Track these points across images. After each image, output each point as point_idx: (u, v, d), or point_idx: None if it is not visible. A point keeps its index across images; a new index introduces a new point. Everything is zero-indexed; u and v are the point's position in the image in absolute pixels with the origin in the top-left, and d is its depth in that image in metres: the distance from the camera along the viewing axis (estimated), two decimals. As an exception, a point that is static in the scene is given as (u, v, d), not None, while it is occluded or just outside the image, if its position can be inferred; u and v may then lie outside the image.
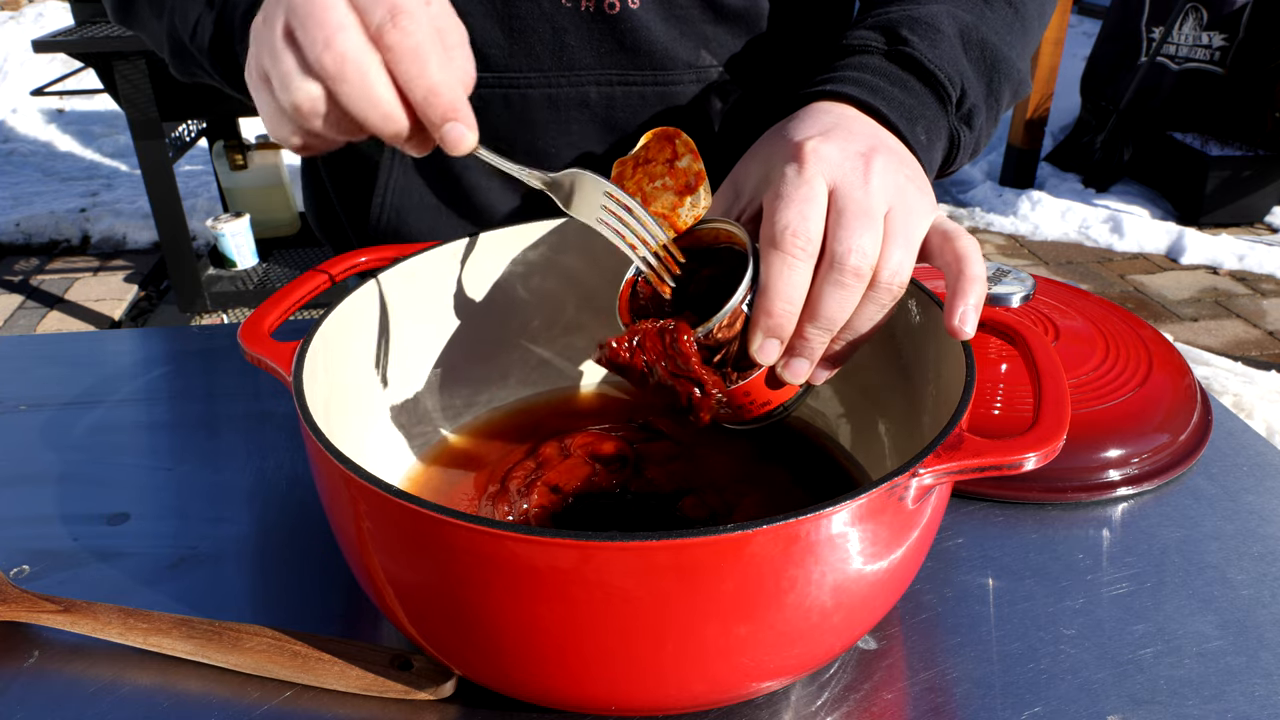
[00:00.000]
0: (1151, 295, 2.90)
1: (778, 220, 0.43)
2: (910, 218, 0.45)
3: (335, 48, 0.41)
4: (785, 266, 0.43)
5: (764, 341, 0.45)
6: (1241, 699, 0.47)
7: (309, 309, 1.69)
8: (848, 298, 0.43)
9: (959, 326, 0.44)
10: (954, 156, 0.57)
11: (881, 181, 0.44)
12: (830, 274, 0.43)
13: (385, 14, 0.41)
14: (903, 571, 0.44)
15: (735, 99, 0.69)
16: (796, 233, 0.43)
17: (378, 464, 0.55)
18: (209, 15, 0.53)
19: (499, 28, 0.64)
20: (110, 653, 0.50)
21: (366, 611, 0.53)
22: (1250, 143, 3.30)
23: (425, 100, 0.42)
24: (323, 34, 0.41)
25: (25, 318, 2.82)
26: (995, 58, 0.57)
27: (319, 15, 0.42)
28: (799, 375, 0.46)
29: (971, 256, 0.44)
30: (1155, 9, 3.44)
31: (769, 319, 0.44)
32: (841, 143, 0.46)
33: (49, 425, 0.71)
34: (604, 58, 0.66)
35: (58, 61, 3.85)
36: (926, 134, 0.53)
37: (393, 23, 0.41)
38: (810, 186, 0.44)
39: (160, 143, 2.33)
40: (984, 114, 0.58)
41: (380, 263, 0.56)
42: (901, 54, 0.54)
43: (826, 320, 0.44)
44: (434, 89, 0.42)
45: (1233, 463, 0.65)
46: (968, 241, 0.45)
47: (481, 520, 0.36)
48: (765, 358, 0.45)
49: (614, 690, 0.41)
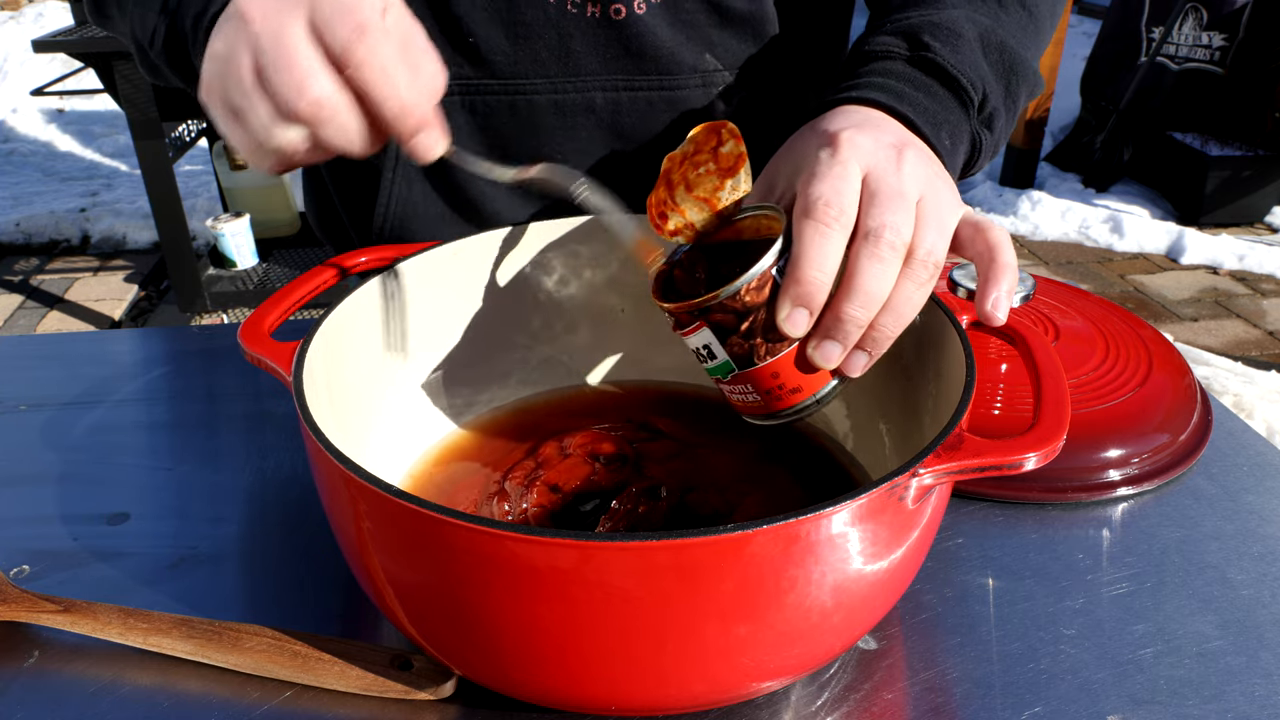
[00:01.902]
0: (1151, 295, 2.90)
1: (811, 192, 0.43)
2: (941, 207, 0.45)
3: (310, 94, 0.42)
4: (817, 234, 0.42)
5: (792, 310, 0.43)
6: (1241, 699, 0.47)
7: (309, 309, 1.69)
8: (885, 271, 0.42)
9: (991, 312, 0.45)
10: (975, 159, 0.57)
11: (913, 171, 0.45)
12: (865, 246, 0.42)
13: (349, 34, 0.42)
14: (903, 571, 0.44)
15: (740, 102, 0.69)
16: (830, 202, 0.43)
17: (378, 464, 0.55)
18: (163, 22, 0.54)
19: (504, 34, 0.64)
20: (110, 653, 0.50)
21: (366, 611, 0.53)
22: (1250, 143, 3.30)
23: (397, 119, 0.44)
24: (294, 80, 0.42)
25: (25, 318, 2.82)
26: (1013, 60, 0.57)
27: (288, 57, 0.42)
28: (831, 358, 0.44)
29: (1003, 246, 0.45)
30: (1155, 9, 3.44)
31: (798, 286, 0.43)
32: (874, 134, 0.46)
33: (49, 425, 0.71)
34: (609, 63, 0.66)
35: (58, 61, 3.85)
36: (950, 139, 0.53)
37: (359, 40, 0.42)
38: (845, 166, 0.44)
39: (160, 143, 2.33)
40: (1003, 117, 0.58)
41: (380, 263, 0.56)
42: (925, 59, 0.54)
43: (864, 295, 0.42)
44: (405, 109, 0.44)
45: (1233, 463, 0.65)
46: (999, 232, 0.46)
47: (481, 520, 0.36)
48: (793, 328, 0.43)
49: (614, 690, 0.41)
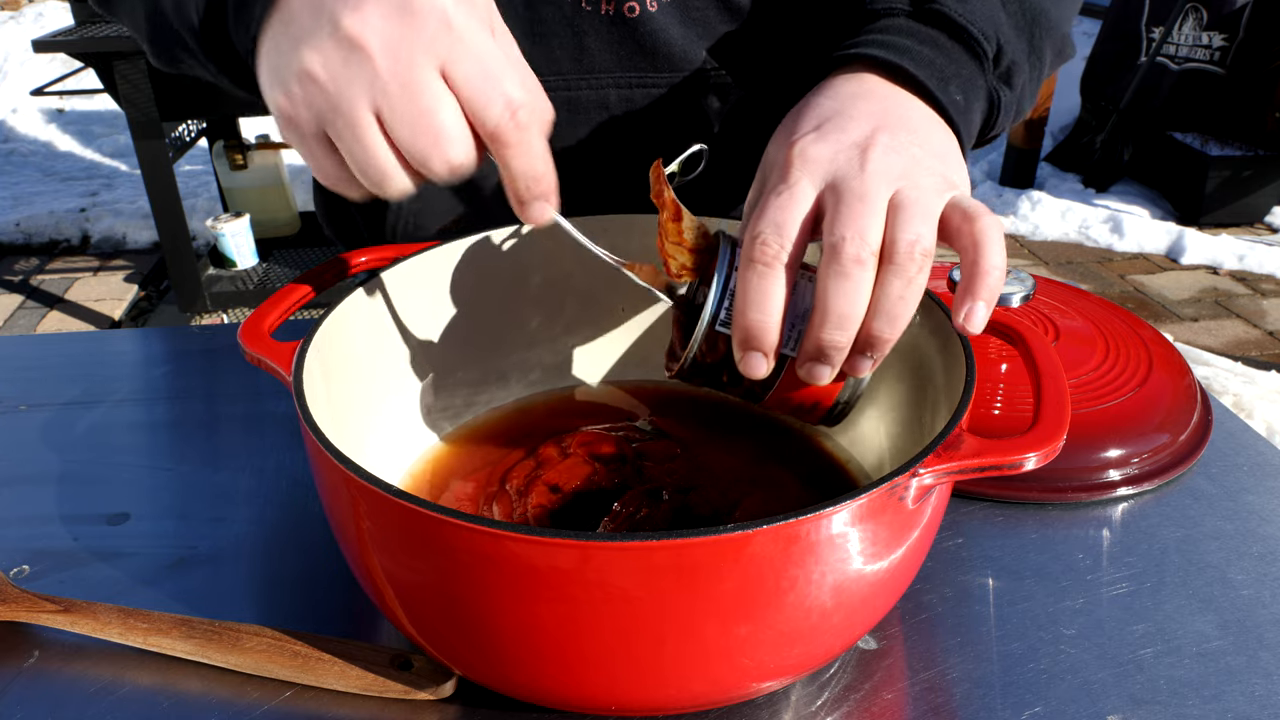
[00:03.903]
0: (1151, 295, 2.90)
1: (751, 229, 0.42)
2: (923, 193, 0.41)
3: (451, 161, 0.41)
4: (753, 274, 0.41)
5: (744, 355, 0.42)
6: (1241, 699, 0.47)
7: (309, 309, 1.69)
8: (852, 286, 0.40)
9: (963, 324, 0.41)
10: (995, 119, 0.53)
11: (883, 165, 0.42)
12: (830, 267, 0.40)
13: (502, 110, 0.41)
14: (903, 571, 0.44)
15: (750, 99, 0.69)
16: (766, 240, 0.41)
17: (378, 464, 0.55)
18: None
19: (521, 33, 0.64)
20: (110, 653, 0.50)
21: (366, 611, 0.53)
22: (1250, 143, 3.30)
23: (527, 186, 0.43)
24: (433, 146, 0.41)
25: (25, 318, 2.82)
26: (1035, 12, 0.54)
27: (428, 121, 0.40)
28: (821, 379, 0.43)
29: (988, 243, 0.41)
30: (1155, 9, 3.44)
31: (741, 333, 0.42)
32: (836, 135, 0.44)
33: (49, 425, 0.71)
34: (623, 60, 0.66)
35: (58, 61, 3.85)
36: (963, 94, 0.49)
37: (513, 121, 0.41)
38: (792, 190, 0.42)
39: (160, 143, 2.33)
40: (1026, 72, 0.54)
41: (380, 263, 0.56)
42: (929, 11, 0.51)
43: (835, 317, 0.40)
44: (537, 177, 0.43)
45: (1233, 463, 0.65)
46: (987, 224, 0.41)
47: (481, 520, 0.36)
48: (753, 371, 0.43)
49: (614, 690, 0.41)
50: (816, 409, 0.47)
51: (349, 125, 0.41)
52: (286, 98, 0.42)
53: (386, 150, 0.41)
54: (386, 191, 0.43)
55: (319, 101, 0.41)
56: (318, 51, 0.40)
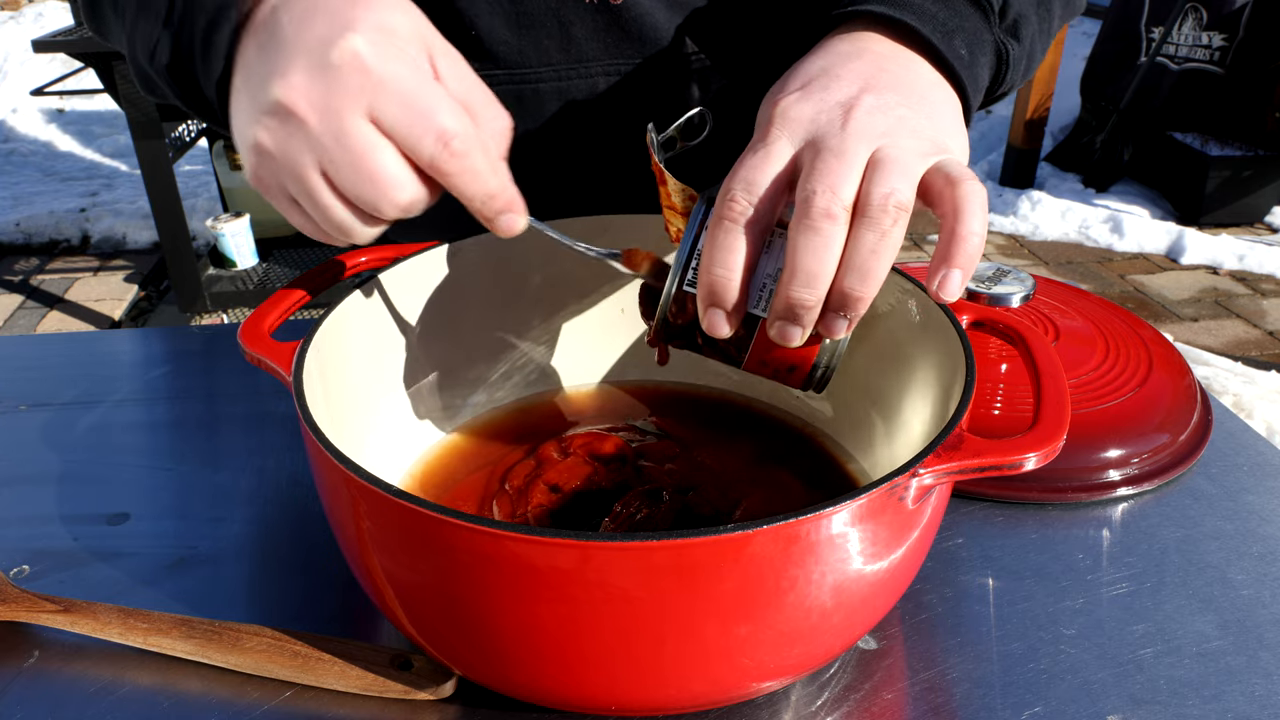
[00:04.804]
0: (1151, 295, 2.90)
1: (724, 186, 0.42)
2: (901, 153, 0.40)
3: (399, 203, 0.42)
4: (719, 230, 0.41)
5: (706, 312, 0.42)
6: (1241, 699, 0.47)
7: (309, 309, 1.69)
8: (821, 242, 0.39)
9: (936, 292, 0.39)
10: (1004, 74, 0.52)
11: (865, 124, 0.41)
12: (800, 222, 0.39)
13: (434, 144, 0.41)
14: (903, 571, 0.44)
15: (738, 83, 0.69)
16: (735, 197, 0.41)
17: (378, 464, 0.55)
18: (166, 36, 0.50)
19: (507, 25, 0.64)
20: (110, 653, 0.50)
21: (366, 611, 0.53)
22: (1250, 143, 3.30)
23: (483, 205, 0.43)
24: (379, 191, 0.41)
25: (25, 318, 2.82)
26: None
27: (367, 169, 0.41)
28: (792, 339, 0.42)
29: (967, 209, 0.39)
30: (1155, 9, 3.44)
31: (703, 289, 0.42)
32: (820, 95, 0.43)
33: (49, 425, 0.71)
34: (610, 48, 0.66)
35: (58, 61, 3.86)
36: (967, 48, 0.48)
37: (447, 152, 0.41)
38: (768, 149, 0.42)
39: (160, 143, 2.33)
40: (1033, 25, 0.53)
41: (380, 263, 0.56)
42: None
43: (803, 274, 0.39)
44: (490, 196, 0.43)
45: (1233, 463, 0.65)
46: (970, 189, 0.40)
47: (481, 520, 0.36)
48: (716, 329, 0.42)
49: (614, 690, 0.41)
50: (795, 372, 0.46)
51: (301, 189, 0.42)
52: (250, 166, 0.44)
53: (340, 205, 0.42)
54: (355, 239, 0.44)
55: (275, 170, 0.43)
56: (261, 125, 0.42)
